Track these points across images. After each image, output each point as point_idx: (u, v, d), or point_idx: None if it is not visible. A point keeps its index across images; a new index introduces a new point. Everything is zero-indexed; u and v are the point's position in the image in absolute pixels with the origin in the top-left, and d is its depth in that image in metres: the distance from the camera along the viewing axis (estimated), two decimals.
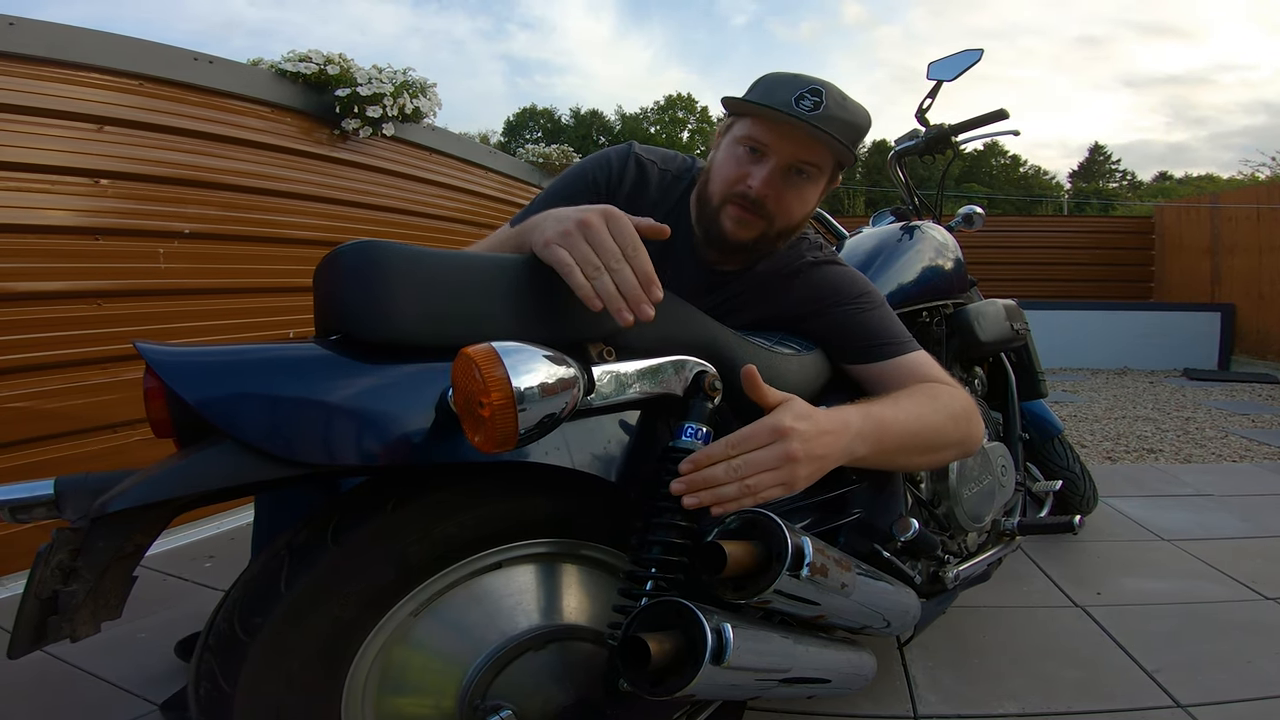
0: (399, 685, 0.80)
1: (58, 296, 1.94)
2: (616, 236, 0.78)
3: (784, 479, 0.81)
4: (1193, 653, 1.54)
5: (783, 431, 0.81)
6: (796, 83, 1.05)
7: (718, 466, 0.79)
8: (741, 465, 0.79)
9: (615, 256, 0.77)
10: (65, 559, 0.64)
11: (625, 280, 0.77)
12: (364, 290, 0.72)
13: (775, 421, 0.81)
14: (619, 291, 0.77)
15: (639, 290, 0.77)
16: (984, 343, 1.63)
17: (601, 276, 0.76)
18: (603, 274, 0.76)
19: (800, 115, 1.01)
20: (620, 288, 0.77)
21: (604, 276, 0.76)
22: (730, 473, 0.78)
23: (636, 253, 0.78)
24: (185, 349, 0.69)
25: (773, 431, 0.81)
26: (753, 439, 0.80)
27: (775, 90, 1.05)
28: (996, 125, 1.78)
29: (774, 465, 0.80)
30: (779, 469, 0.80)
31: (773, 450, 0.80)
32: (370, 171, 3.00)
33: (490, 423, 0.64)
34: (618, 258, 0.77)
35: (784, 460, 0.80)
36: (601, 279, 0.76)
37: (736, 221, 1.09)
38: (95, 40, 2.00)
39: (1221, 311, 6.88)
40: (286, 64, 2.63)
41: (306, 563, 0.72)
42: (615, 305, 0.76)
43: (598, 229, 0.78)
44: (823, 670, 0.93)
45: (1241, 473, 3.10)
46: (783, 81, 1.07)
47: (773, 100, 1.04)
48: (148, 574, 1.91)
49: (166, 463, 0.67)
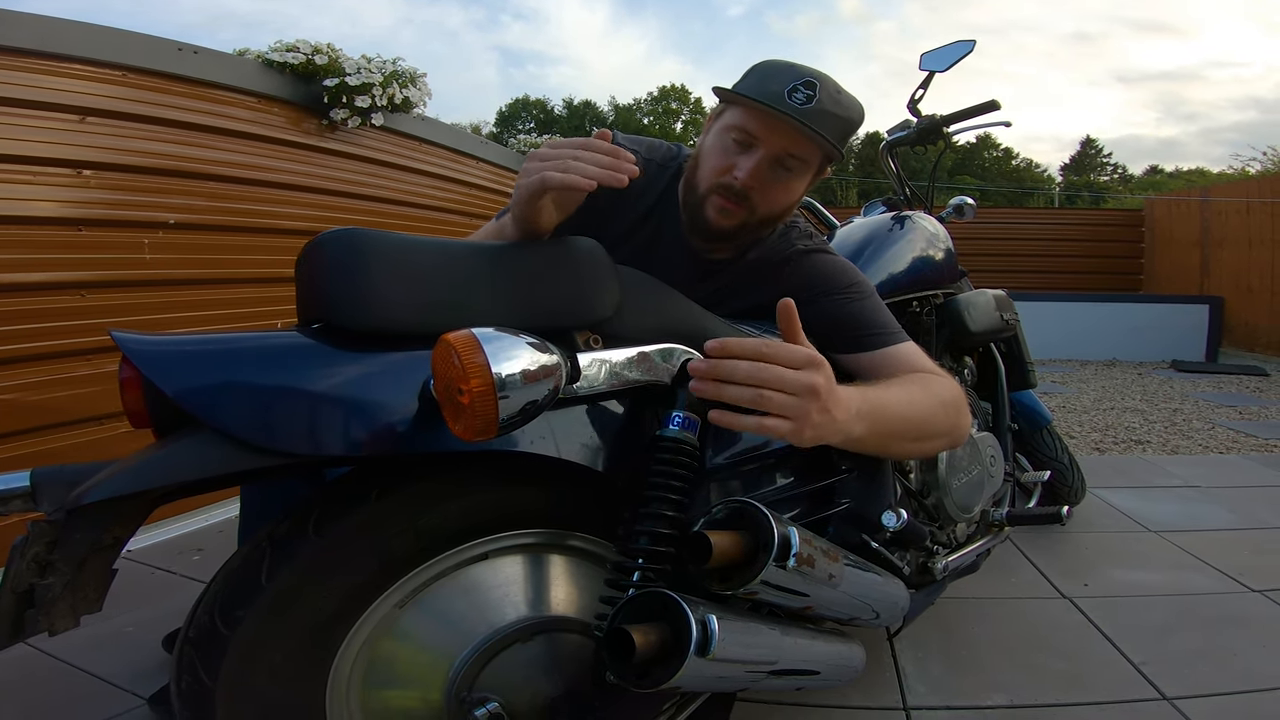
0: (385, 678, 0.79)
1: (41, 288, 1.92)
2: (562, 146, 0.82)
3: (796, 411, 0.77)
4: (1179, 645, 1.55)
5: (816, 361, 0.78)
6: (791, 74, 1.04)
7: (744, 363, 0.76)
8: (769, 373, 0.76)
9: (571, 151, 0.81)
10: (41, 552, 0.64)
11: (594, 158, 0.80)
12: (346, 278, 0.72)
13: (812, 351, 0.79)
14: (596, 167, 0.80)
15: (609, 158, 0.80)
16: (974, 333, 1.63)
17: (571, 165, 0.80)
18: (571, 163, 0.80)
19: (792, 110, 1.01)
20: (594, 164, 0.80)
21: (574, 163, 0.80)
22: (753, 373, 0.76)
23: (588, 143, 0.82)
24: (162, 338, 0.69)
25: (808, 357, 0.78)
26: (788, 351, 0.77)
27: (769, 80, 1.04)
28: (988, 116, 1.78)
29: (795, 390, 0.77)
30: (798, 397, 0.77)
31: (801, 376, 0.77)
32: (359, 161, 2.97)
33: (470, 410, 0.63)
34: (573, 150, 0.81)
35: (806, 390, 0.77)
36: (573, 165, 0.80)
37: (720, 210, 1.09)
38: (78, 31, 1.98)
39: (1210, 304, 6.90)
40: (274, 54, 2.60)
41: (288, 554, 0.71)
42: (601, 175, 0.79)
43: (544, 150, 0.83)
44: (811, 662, 0.93)
45: (1229, 464, 3.11)
46: (777, 72, 1.05)
47: (765, 92, 1.02)
48: (135, 567, 1.91)
49: (144, 453, 0.66)
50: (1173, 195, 10.24)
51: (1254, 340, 6.84)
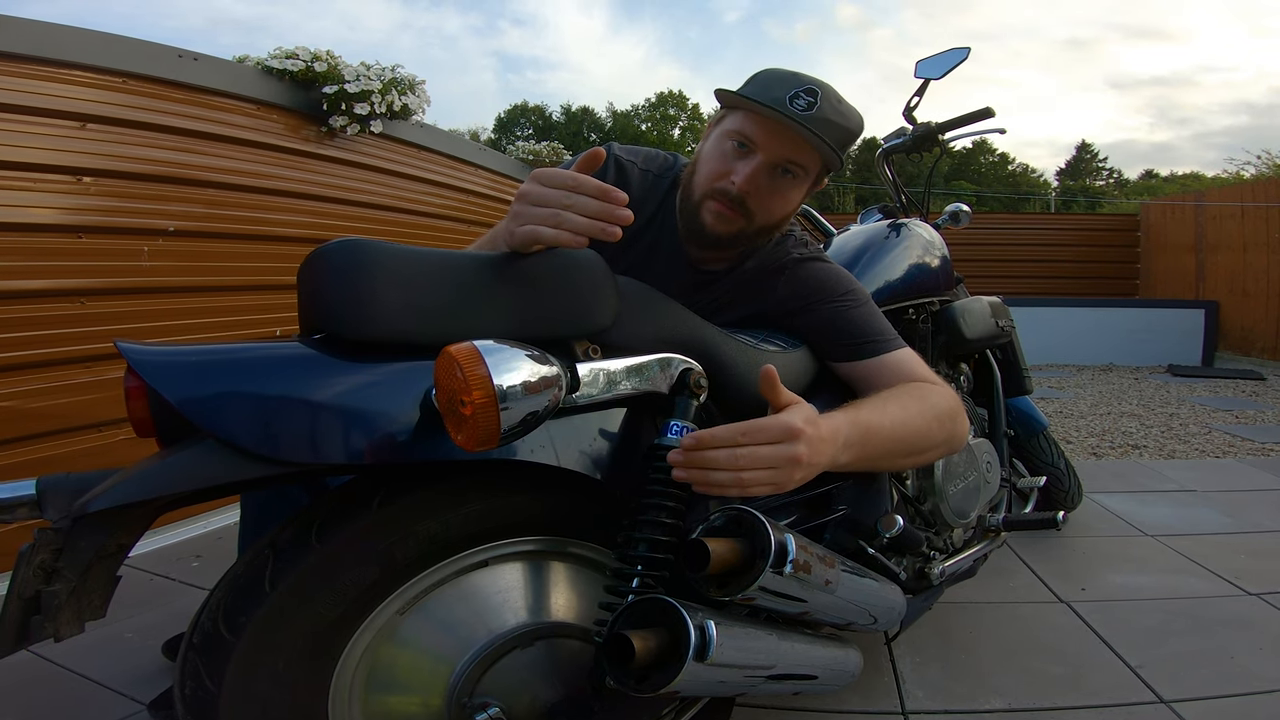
0: (386, 683, 0.80)
1: (40, 295, 1.92)
2: (553, 184, 0.81)
3: (779, 480, 0.80)
4: (1176, 648, 1.55)
5: (796, 433, 0.80)
6: (793, 81, 1.05)
7: (721, 451, 0.78)
8: (745, 456, 0.78)
9: (561, 198, 0.80)
10: (47, 559, 0.64)
11: (585, 207, 0.80)
12: (348, 288, 0.72)
13: (790, 421, 0.80)
14: (588, 218, 0.79)
15: (601, 206, 0.80)
16: (969, 339, 1.64)
17: (563, 218, 0.79)
18: (563, 215, 0.79)
19: (792, 115, 1.01)
20: (585, 214, 0.80)
21: (566, 216, 0.79)
22: (730, 460, 0.78)
23: (578, 184, 0.81)
24: (166, 348, 0.69)
25: (786, 431, 0.80)
26: (765, 432, 0.79)
27: (771, 87, 1.05)
28: (983, 123, 1.78)
29: (775, 465, 0.79)
30: (778, 469, 0.79)
31: (780, 450, 0.79)
32: (358, 169, 2.98)
33: (473, 421, 0.64)
34: (565, 197, 0.80)
35: (787, 462, 0.79)
36: (565, 218, 0.79)
37: (716, 216, 1.09)
38: (77, 37, 1.98)
39: (1206, 308, 6.93)
40: (273, 61, 2.61)
41: (291, 561, 0.71)
42: (593, 229, 0.79)
43: (534, 192, 0.82)
44: (809, 666, 0.94)
45: (1225, 468, 3.13)
46: (779, 79, 1.06)
47: (766, 97, 1.03)
48: (135, 574, 1.90)
49: (148, 462, 0.67)
50: (1168, 199, 10.28)
51: (1250, 344, 6.87)
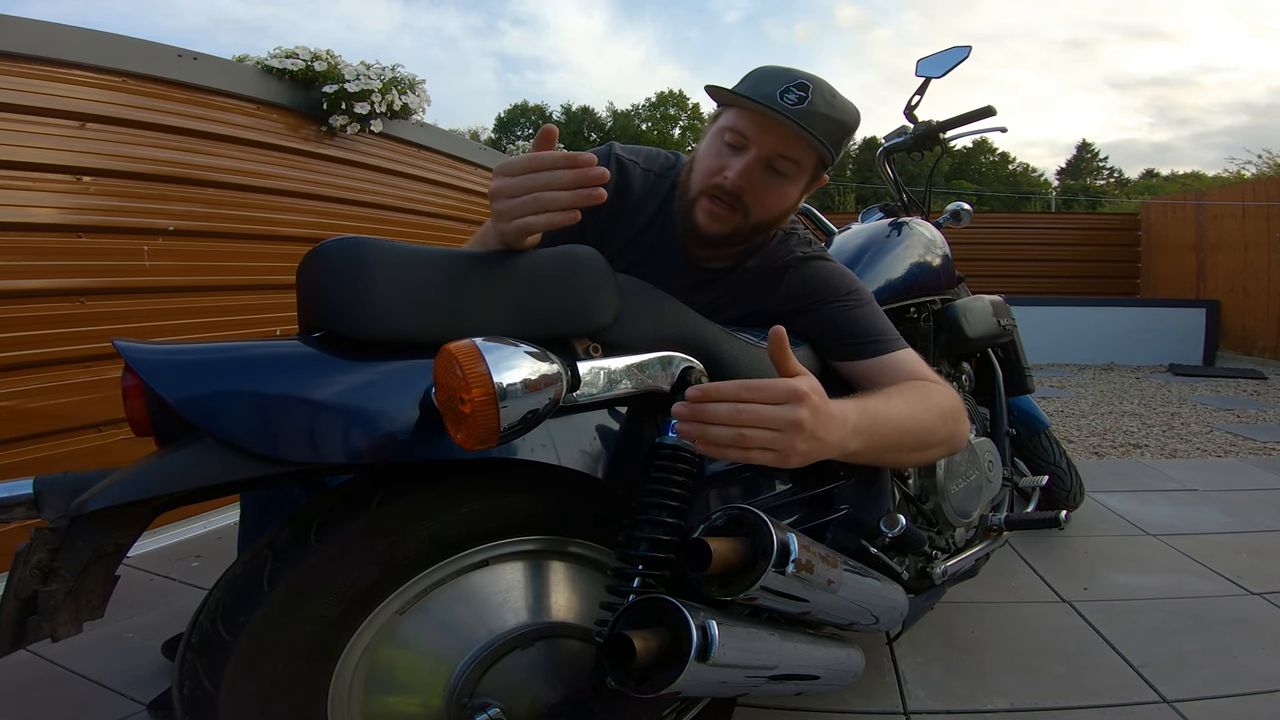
0: (386, 683, 0.80)
1: (40, 294, 1.92)
2: (519, 170, 0.82)
3: (781, 444, 0.77)
4: (1178, 648, 1.55)
5: (799, 396, 0.78)
6: (785, 76, 1.05)
7: (723, 405, 0.77)
8: (747, 412, 0.76)
9: (533, 181, 0.81)
10: (44, 559, 0.64)
11: (559, 180, 0.80)
12: (347, 287, 0.72)
13: (794, 384, 0.79)
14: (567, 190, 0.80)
15: (575, 174, 0.80)
16: (971, 339, 1.64)
17: (544, 199, 0.80)
18: (543, 197, 0.80)
19: (783, 109, 1.01)
20: (563, 187, 0.80)
21: (546, 196, 0.80)
22: (733, 414, 0.76)
23: (542, 161, 0.81)
24: (164, 346, 0.69)
25: (789, 392, 0.78)
26: (769, 390, 0.78)
27: (763, 83, 1.05)
28: (983, 122, 1.78)
29: (778, 426, 0.77)
30: (781, 432, 0.77)
31: (783, 411, 0.77)
32: (358, 168, 2.97)
33: (472, 419, 0.64)
34: (536, 179, 0.81)
35: (790, 425, 0.77)
36: (546, 199, 0.80)
37: (709, 215, 1.08)
38: (77, 37, 1.98)
39: (1206, 307, 6.93)
40: (273, 60, 2.60)
41: (290, 561, 0.71)
42: (576, 199, 0.80)
43: (505, 185, 0.82)
44: (811, 666, 0.93)
45: (1226, 468, 3.12)
46: (772, 75, 1.06)
47: (758, 93, 1.03)
48: (134, 574, 1.90)
49: (146, 461, 0.67)
50: (1169, 199, 10.27)
51: (1251, 344, 6.86)
